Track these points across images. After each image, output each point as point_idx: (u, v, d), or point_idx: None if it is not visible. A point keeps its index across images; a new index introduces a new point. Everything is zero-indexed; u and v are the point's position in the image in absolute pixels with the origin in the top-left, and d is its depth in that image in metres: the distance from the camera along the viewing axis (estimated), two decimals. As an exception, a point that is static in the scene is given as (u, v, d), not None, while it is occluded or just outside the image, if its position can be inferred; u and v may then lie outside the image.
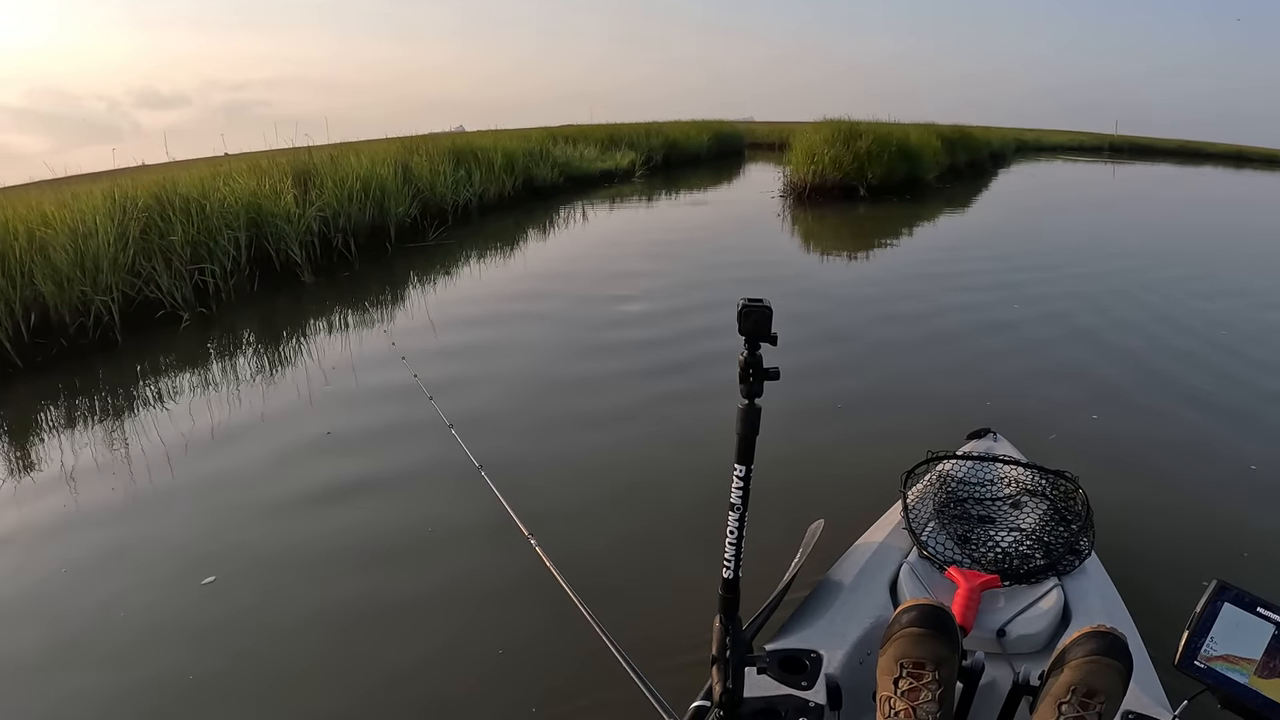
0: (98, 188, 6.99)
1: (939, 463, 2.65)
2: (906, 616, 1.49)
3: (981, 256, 9.73)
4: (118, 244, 6.26)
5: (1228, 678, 1.22)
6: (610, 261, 9.25)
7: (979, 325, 6.53)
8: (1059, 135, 43.32)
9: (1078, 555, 2.14)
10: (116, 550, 3.29)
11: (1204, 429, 4.45)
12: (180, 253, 6.72)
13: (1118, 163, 32.98)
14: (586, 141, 18.85)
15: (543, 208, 13.59)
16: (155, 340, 6.08)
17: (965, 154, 20.56)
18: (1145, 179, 26.61)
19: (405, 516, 3.48)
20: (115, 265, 6.16)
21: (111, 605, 2.90)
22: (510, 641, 2.65)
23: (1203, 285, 8.18)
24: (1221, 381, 5.20)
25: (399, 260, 9.13)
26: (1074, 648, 1.41)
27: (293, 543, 3.32)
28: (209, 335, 6.28)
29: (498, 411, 4.58)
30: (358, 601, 2.90)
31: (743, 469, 1.43)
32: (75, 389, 5.22)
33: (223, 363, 5.73)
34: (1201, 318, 6.80)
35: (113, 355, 5.77)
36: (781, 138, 21.54)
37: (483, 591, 2.93)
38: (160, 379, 5.41)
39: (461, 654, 2.62)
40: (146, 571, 3.15)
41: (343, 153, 10.10)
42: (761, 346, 1.35)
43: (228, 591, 2.97)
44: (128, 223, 6.48)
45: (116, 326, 5.96)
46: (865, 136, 14.89)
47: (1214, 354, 5.81)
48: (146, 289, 6.39)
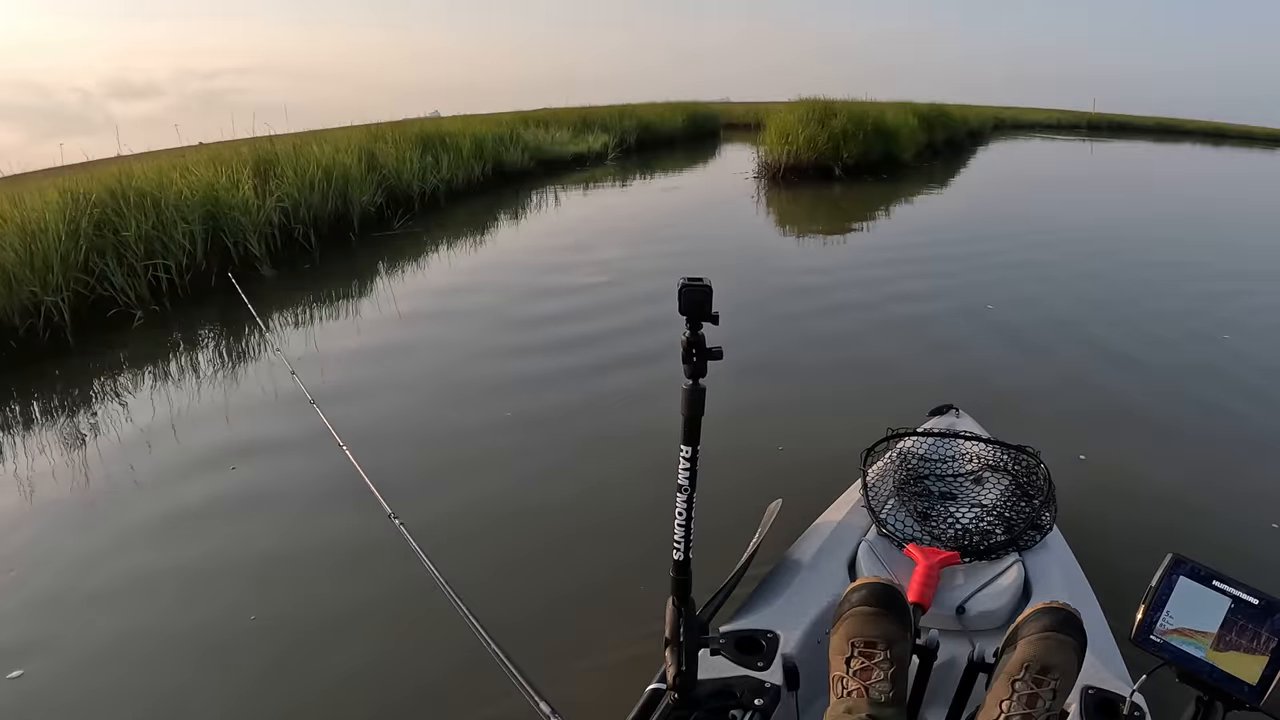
0: (59, 182, 6.81)
1: (900, 440, 2.63)
2: (856, 595, 1.49)
3: (956, 238, 9.69)
4: (69, 241, 6.11)
5: (1185, 652, 1.21)
6: (577, 250, 9.09)
7: (947, 304, 6.57)
8: (1037, 113, 43.23)
9: (1039, 530, 2.13)
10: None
11: (1169, 404, 4.53)
12: (134, 248, 6.56)
13: (1096, 140, 32.97)
14: (559, 125, 18.65)
15: (513, 193, 13.42)
16: (109, 340, 5.94)
17: (943, 132, 20.51)
18: (1124, 156, 26.62)
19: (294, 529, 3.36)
20: (66, 263, 6.01)
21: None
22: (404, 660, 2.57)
23: (1177, 268, 8.19)
24: (1187, 358, 5.30)
25: (363, 250, 8.99)
26: (1026, 624, 1.40)
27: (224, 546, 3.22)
28: (161, 333, 6.14)
29: (407, 417, 4.52)
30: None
31: (689, 450, 1.40)
32: (29, 395, 5.09)
33: (174, 362, 5.61)
34: (1174, 299, 6.81)
35: (65, 358, 5.63)
36: (757, 118, 21.39)
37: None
38: (114, 381, 5.28)
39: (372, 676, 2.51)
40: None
41: (306, 141, 9.91)
42: (704, 326, 1.33)
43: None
44: (80, 218, 6.32)
45: (68, 327, 5.82)
46: (840, 115, 14.79)
47: (1180, 332, 5.89)
48: (100, 286, 6.24)
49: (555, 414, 4.43)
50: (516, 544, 3.17)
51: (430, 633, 2.57)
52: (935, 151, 19.41)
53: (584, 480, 3.67)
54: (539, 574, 2.96)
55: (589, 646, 2.52)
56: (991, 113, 33.69)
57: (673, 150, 22.19)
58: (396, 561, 2.45)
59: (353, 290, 7.49)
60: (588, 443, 4.07)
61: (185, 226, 6.94)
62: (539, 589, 2.86)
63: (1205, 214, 13.27)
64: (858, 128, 14.86)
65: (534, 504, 3.48)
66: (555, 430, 4.23)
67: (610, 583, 2.86)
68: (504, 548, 3.14)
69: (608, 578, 2.90)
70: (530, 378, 4.98)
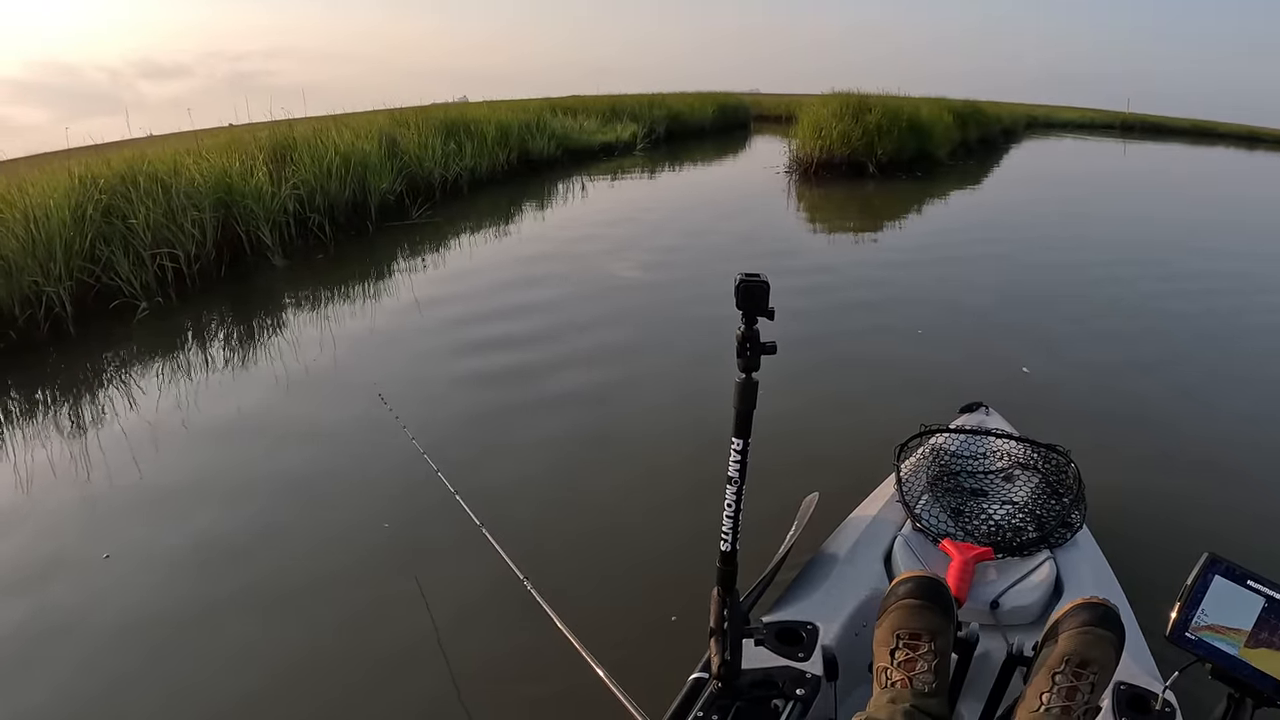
0: (71, 165, 6.55)
1: (932, 436, 2.67)
2: (903, 588, 1.51)
3: (990, 237, 9.50)
4: (74, 227, 5.83)
5: (1218, 649, 1.22)
6: (602, 240, 8.79)
7: (980, 303, 6.59)
8: (1070, 112, 42.38)
9: (1069, 528, 2.16)
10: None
11: (1199, 404, 4.55)
12: (142, 237, 6.28)
13: (1129, 140, 32.33)
14: (588, 113, 18.28)
15: (538, 182, 13.07)
16: (109, 331, 5.67)
17: (977, 130, 19.97)
18: (1157, 156, 26.05)
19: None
20: (71, 251, 5.74)
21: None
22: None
23: (1213, 275, 7.92)
24: (1219, 359, 5.35)
25: (380, 239, 8.67)
26: (1067, 619, 1.42)
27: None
28: (164, 326, 5.85)
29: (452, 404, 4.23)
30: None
31: (740, 443, 1.43)
32: (25, 387, 4.86)
33: (175, 357, 5.33)
34: (1202, 302, 6.74)
35: (65, 349, 5.37)
36: (788, 110, 20.99)
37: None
38: (114, 375, 5.03)
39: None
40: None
41: (326, 126, 9.61)
42: (759, 321, 1.34)
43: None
44: (87, 205, 6.05)
45: (69, 318, 5.55)
46: (875, 110, 14.28)
47: (1212, 333, 5.93)
48: (105, 276, 5.97)
49: (585, 414, 4.30)
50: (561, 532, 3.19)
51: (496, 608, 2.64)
52: (970, 149, 18.87)
53: (631, 472, 3.64)
54: (601, 556, 3.02)
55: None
56: (1024, 110, 33.05)
57: (702, 141, 21.72)
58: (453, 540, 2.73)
59: (368, 281, 7.19)
60: (614, 445, 3.97)
61: (195, 214, 6.65)
62: (602, 573, 2.91)
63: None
64: (892, 123, 14.38)
65: (569, 493, 3.50)
66: (582, 431, 4.11)
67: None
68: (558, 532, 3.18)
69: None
70: (556, 377, 4.80)
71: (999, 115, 24.26)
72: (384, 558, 3.01)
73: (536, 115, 15.25)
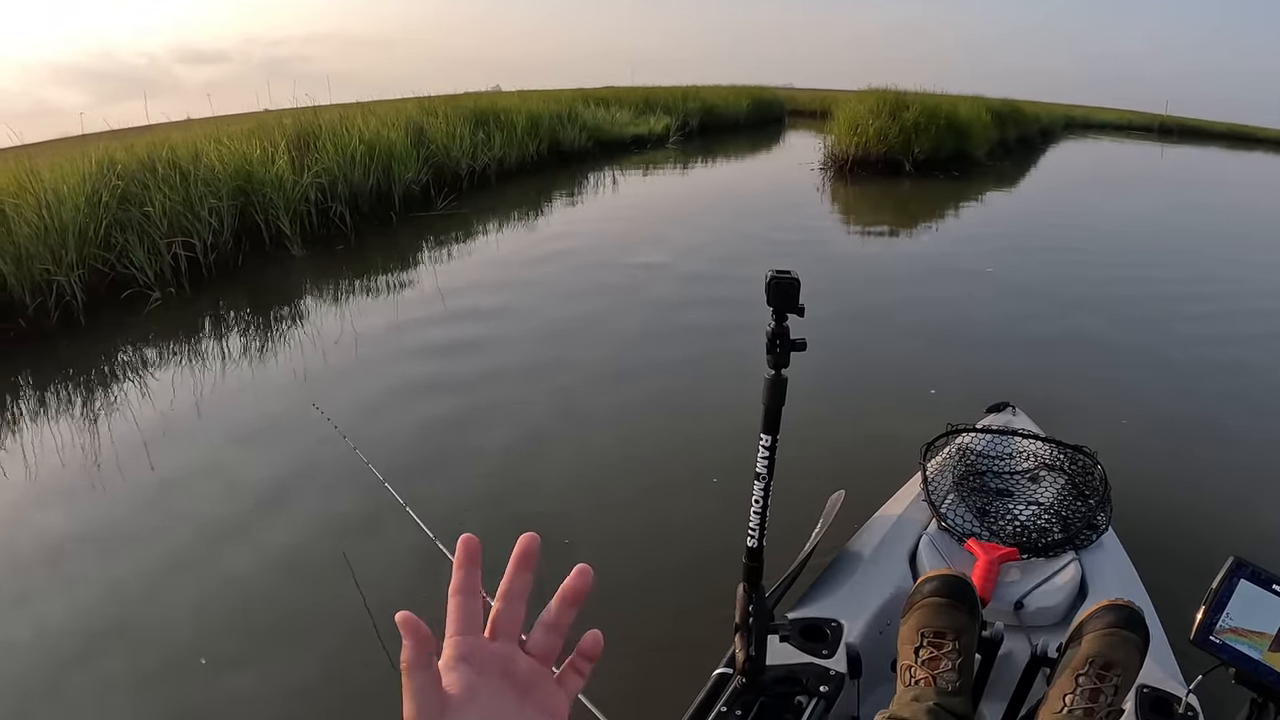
0: (92, 150, 6.40)
1: (958, 435, 2.63)
2: (928, 586, 1.51)
3: (1027, 239, 9.32)
4: (89, 214, 5.67)
5: (1242, 653, 1.20)
6: (632, 235, 8.60)
7: (1011, 306, 6.48)
8: (1108, 113, 41.71)
9: (1095, 530, 2.14)
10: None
11: (1224, 408, 4.51)
12: (158, 224, 6.11)
13: (1167, 144, 31.70)
14: (621, 105, 18.00)
15: (568, 174, 12.82)
16: (120, 320, 5.50)
17: (1015, 130, 19.52)
18: (1198, 162, 25.44)
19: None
20: (85, 238, 5.58)
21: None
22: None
23: (1246, 282, 7.77)
24: (1252, 365, 5.27)
25: (404, 230, 8.46)
26: (1092, 620, 1.42)
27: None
28: (177, 316, 5.67)
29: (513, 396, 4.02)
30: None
31: (768, 439, 1.43)
32: (36, 378, 4.73)
33: (186, 348, 5.18)
34: (1233, 307, 6.68)
35: (76, 338, 5.21)
36: (823, 106, 20.61)
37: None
38: (123, 365, 4.88)
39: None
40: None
41: (352, 113, 9.42)
42: (789, 318, 1.33)
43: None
44: (102, 191, 5.89)
45: (80, 307, 5.38)
46: (912, 108, 13.91)
47: (1245, 339, 5.81)
48: (119, 264, 5.81)
49: (607, 418, 4.20)
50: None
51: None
52: (1008, 149, 18.42)
53: (656, 478, 3.57)
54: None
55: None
56: (1062, 111, 32.47)
57: (736, 135, 21.39)
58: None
59: (389, 273, 7.00)
60: (632, 450, 3.88)
61: (214, 202, 6.48)
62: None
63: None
64: (930, 121, 14.00)
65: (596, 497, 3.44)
66: (602, 436, 4.03)
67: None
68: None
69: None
70: (570, 373, 4.68)
71: (1037, 115, 23.81)
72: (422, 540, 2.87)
73: (569, 106, 15.01)
